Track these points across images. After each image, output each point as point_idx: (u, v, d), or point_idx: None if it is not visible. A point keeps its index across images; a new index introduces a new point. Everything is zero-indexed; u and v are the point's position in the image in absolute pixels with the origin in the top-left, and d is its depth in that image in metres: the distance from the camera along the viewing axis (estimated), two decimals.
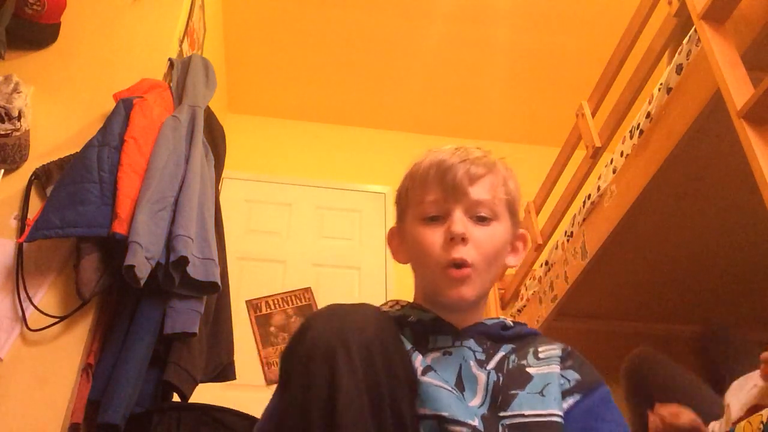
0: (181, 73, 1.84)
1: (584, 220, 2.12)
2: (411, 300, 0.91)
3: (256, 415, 1.33)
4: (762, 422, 1.07)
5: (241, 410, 1.41)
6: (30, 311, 1.39)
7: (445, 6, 3.14)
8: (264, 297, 3.15)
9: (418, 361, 0.76)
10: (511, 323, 0.86)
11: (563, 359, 0.80)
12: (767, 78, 1.23)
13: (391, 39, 3.33)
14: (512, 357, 0.81)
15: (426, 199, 0.85)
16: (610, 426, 0.75)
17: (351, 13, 3.20)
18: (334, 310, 0.73)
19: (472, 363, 0.79)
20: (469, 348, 0.81)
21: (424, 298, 0.87)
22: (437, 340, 0.81)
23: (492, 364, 0.79)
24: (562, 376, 0.78)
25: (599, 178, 2.04)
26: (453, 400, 0.72)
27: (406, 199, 0.90)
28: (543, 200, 2.50)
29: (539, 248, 2.47)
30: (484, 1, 3.11)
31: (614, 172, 1.94)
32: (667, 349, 2.58)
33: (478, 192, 0.83)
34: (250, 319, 3.07)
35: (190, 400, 1.47)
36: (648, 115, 1.74)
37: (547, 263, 2.45)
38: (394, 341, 0.72)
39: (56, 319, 1.38)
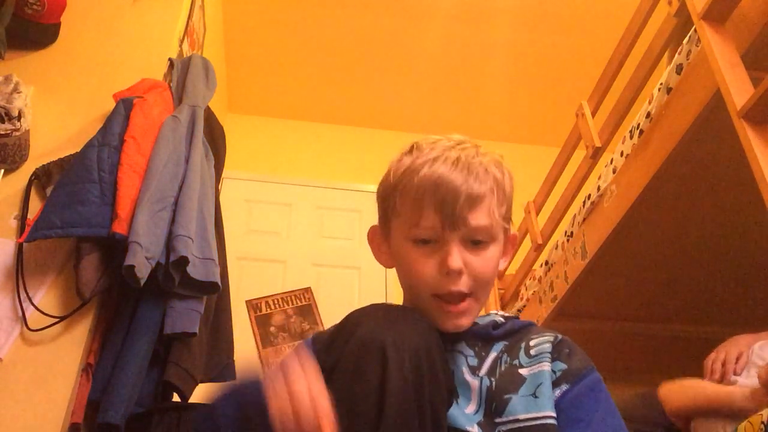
0: (181, 73, 1.84)
1: (584, 220, 2.12)
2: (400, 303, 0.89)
3: None
4: (762, 422, 1.07)
5: None
6: (30, 311, 1.38)
7: (445, 6, 3.14)
8: (264, 297, 3.13)
9: None
10: (502, 319, 0.85)
11: (552, 352, 0.79)
12: (767, 78, 1.23)
13: (391, 39, 3.32)
14: (504, 357, 0.79)
15: (420, 223, 0.78)
16: (594, 416, 0.74)
17: (351, 13, 3.20)
18: (383, 311, 0.73)
19: (465, 369, 0.78)
20: (461, 353, 0.79)
21: (412, 304, 0.84)
22: None
23: (484, 370, 0.78)
24: (552, 370, 0.77)
25: (599, 178, 2.04)
26: (451, 407, 0.73)
27: (393, 208, 0.83)
28: (543, 200, 2.51)
29: (539, 248, 2.47)
30: (484, 1, 3.11)
31: (614, 172, 1.94)
32: (667, 349, 2.59)
33: (477, 218, 0.78)
34: (250, 319, 3.05)
35: (190, 400, 1.47)
36: (648, 115, 1.74)
37: (547, 263, 2.45)
38: (439, 351, 0.72)
39: (56, 319, 1.37)
